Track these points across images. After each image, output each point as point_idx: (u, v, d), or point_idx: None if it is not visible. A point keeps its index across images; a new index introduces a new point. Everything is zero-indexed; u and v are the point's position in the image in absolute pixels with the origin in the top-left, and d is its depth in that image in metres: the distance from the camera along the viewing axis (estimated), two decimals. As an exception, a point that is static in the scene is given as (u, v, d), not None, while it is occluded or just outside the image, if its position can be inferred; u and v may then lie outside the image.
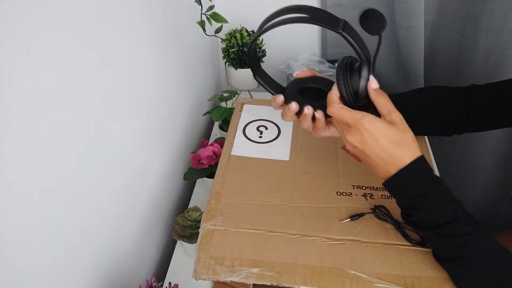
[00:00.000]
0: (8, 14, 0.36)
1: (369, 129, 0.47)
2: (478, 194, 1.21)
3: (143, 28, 0.66)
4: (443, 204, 0.48)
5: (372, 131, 0.47)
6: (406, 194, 0.50)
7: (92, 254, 0.56)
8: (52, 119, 0.44)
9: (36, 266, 0.44)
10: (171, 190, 0.86)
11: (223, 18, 0.79)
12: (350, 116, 0.49)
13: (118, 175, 0.61)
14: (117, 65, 0.58)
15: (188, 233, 0.71)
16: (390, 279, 0.51)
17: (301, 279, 0.51)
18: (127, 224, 0.66)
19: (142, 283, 0.60)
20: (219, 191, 0.61)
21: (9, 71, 0.37)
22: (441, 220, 0.48)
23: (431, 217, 0.48)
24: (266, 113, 0.75)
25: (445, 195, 0.49)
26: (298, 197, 0.61)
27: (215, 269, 0.52)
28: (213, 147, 0.81)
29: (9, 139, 0.38)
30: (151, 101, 0.72)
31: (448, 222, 0.47)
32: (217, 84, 1.19)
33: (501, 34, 0.93)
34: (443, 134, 0.68)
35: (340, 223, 0.57)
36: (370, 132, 0.47)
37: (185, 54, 0.89)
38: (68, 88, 0.46)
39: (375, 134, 0.47)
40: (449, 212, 0.48)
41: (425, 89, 0.70)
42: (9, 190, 0.38)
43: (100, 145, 0.55)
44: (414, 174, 0.48)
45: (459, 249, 0.47)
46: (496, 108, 0.64)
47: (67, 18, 0.45)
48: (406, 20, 0.97)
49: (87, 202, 0.53)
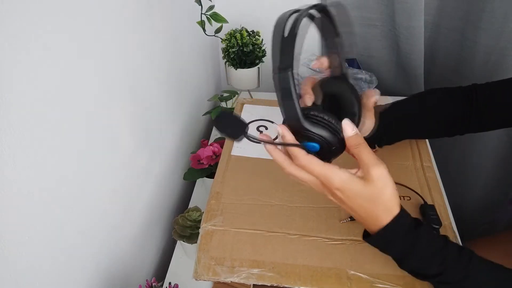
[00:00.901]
0: (8, 14, 0.36)
1: (340, 188, 0.44)
2: (478, 194, 1.21)
3: (143, 28, 0.66)
4: (429, 258, 0.46)
5: (343, 191, 0.44)
6: (389, 250, 0.48)
7: (92, 254, 0.56)
8: (52, 119, 0.44)
9: (36, 266, 0.44)
10: (171, 190, 0.86)
11: (223, 18, 0.79)
12: (321, 172, 0.43)
13: (118, 175, 0.61)
14: (118, 65, 0.58)
15: (188, 233, 0.71)
16: (390, 279, 0.51)
17: (301, 280, 0.51)
18: (127, 224, 0.66)
19: (142, 283, 0.60)
20: (219, 191, 0.62)
21: (9, 71, 0.37)
22: (430, 272, 0.46)
23: (419, 270, 0.47)
24: (266, 113, 0.75)
25: (430, 248, 0.46)
26: (298, 197, 0.61)
27: (215, 270, 0.52)
28: (213, 147, 0.81)
29: (9, 139, 0.38)
30: (151, 101, 0.72)
31: (438, 274, 0.46)
32: (217, 84, 1.19)
33: (501, 34, 0.93)
34: (446, 136, 0.68)
35: (340, 223, 0.57)
36: (343, 192, 0.44)
37: (185, 54, 0.89)
38: (68, 88, 0.46)
39: (346, 193, 0.44)
40: (437, 265, 0.46)
41: (425, 93, 0.69)
42: (9, 190, 0.38)
43: (100, 145, 0.55)
44: (392, 234, 0.46)
45: None
46: (498, 108, 0.64)
47: (67, 18, 0.45)
48: (406, 20, 0.97)
49: (87, 202, 0.53)
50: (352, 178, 0.43)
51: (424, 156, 0.68)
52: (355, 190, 0.43)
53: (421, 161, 0.67)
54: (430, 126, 0.66)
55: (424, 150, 0.69)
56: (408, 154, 0.69)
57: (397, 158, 0.66)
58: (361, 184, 0.43)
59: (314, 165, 0.43)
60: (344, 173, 0.43)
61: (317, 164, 0.43)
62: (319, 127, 0.42)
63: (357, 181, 0.43)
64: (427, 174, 0.65)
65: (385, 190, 0.43)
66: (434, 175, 0.64)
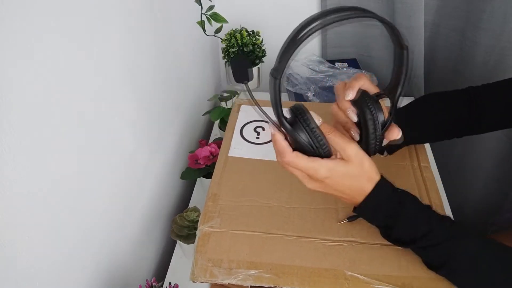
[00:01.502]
0: (8, 14, 0.36)
1: (329, 176, 0.47)
2: (478, 194, 1.21)
3: (143, 28, 0.66)
4: (414, 218, 0.49)
5: (331, 177, 0.47)
6: (377, 217, 0.51)
7: (92, 254, 0.56)
8: (52, 119, 0.44)
9: (36, 266, 0.44)
10: (171, 190, 0.86)
11: (223, 18, 0.80)
12: (307, 167, 0.46)
13: (118, 175, 0.61)
14: (118, 65, 0.58)
15: (185, 233, 0.71)
16: (388, 280, 0.51)
17: (298, 281, 0.51)
18: (127, 224, 0.66)
19: (142, 283, 0.60)
20: (216, 193, 0.62)
21: (9, 71, 0.37)
22: (417, 234, 0.49)
23: (407, 233, 0.50)
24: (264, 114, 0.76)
25: (414, 209, 0.50)
26: (295, 198, 0.61)
27: (212, 272, 0.52)
28: (210, 147, 0.81)
29: (10, 139, 0.38)
30: (151, 101, 0.72)
31: (425, 234, 0.48)
32: (217, 84, 1.19)
33: (501, 34, 0.93)
34: (445, 139, 0.68)
35: (337, 224, 0.57)
36: (330, 178, 0.47)
37: (185, 54, 0.89)
38: (68, 88, 0.46)
39: (334, 179, 0.47)
40: (423, 224, 0.49)
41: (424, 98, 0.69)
42: (9, 190, 0.39)
43: (100, 145, 0.55)
44: (377, 199, 0.49)
45: (444, 256, 0.48)
46: (496, 109, 0.64)
47: (67, 18, 0.45)
48: (406, 20, 0.97)
49: (87, 202, 0.53)
50: (336, 163, 0.47)
51: (421, 156, 0.68)
52: (341, 172, 0.47)
53: (418, 161, 0.67)
54: (429, 131, 0.66)
55: (421, 150, 0.69)
56: (405, 154, 0.69)
57: (394, 158, 0.67)
58: (344, 165, 0.47)
59: (300, 160, 0.46)
60: (328, 161, 0.47)
61: (302, 160, 0.46)
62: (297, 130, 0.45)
63: (341, 164, 0.47)
64: (425, 174, 0.65)
65: (363, 162, 0.48)
66: (432, 176, 0.65)
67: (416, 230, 0.49)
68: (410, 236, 0.49)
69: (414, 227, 0.49)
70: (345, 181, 0.48)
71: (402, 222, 0.49)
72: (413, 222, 0.49)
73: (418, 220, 0.49)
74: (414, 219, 0.49)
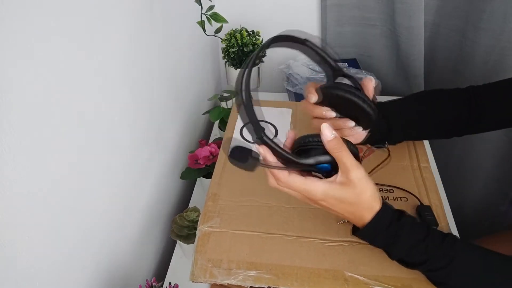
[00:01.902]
0: (9, 14, 0.36)
1: (324, 199, 0.46)
2: (478, 194, 1.21)
3: (143, 28, 0.66)
4: (411, 248, 0.49)
5: (327, 200, 0.46)
6: (375, 243, 0.51)
7: (92, 254, 0.56)
8: (52, 119, 0.44)
9: (36, 266, 0.44)
10: (171, 189, 0.86)
11: (223, 18, 0.79)
12: (302, 189, 0.46)
13: (118, 175, 0.61)
14: (117, 65, 0.58)
15: (185, 233, 0.71)
16: (388, 281, 0.51)
17: (298, 281, 0.51)
18: (127, 224, 0.66)
19: (142, 283, 0.60)
20: (216, 193, 0.62)
21: (9, 71, 0.37)
22: (415, 261, 0.49)
23: (405, 259, 0.50)
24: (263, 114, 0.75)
25: (412, 238, 0.49)
26: (295, 198, 0.61)
27: (212, 272, 0.52)
28: (210, 147, 0.81)
29: (10, 139, 0.38)
30: (151, 100, 0.72)
31: (422, 263, 0.48)
32: (217, 84, 1.19)
33: (501, 34, 0.93)
34: (444, 137, 0.68)
35: (337, 225, 0.57)
36: (326, 201, 0.47)
37: (185, 54, 0.89)
38: (68, 88, 0.46)
39: (330, 201, 0.47)
40: (419, 254, 0.48)
41: (424, 93, 0.69)
42: (9, 190, 0.39)
43: (100, 145, 0.55)
44: (376, 229, 0.49)
45: (445, 277, 0.49)
46: (496, 109, 0.64)
47: (67, 18, 0.45)
48: (406, 20, 0.97)
49: (87, 202, 0.53)
50: (331, 187, 0.46)
51: (421, 157, 0.68)
52: (337, 196, 0.46)
53: (418, 161, 0.67)
54: (428, 128, 0.66)
55: (421, 150, 0.69)
56: (405, 154, 0.69)
57: (394, 158, 0.66)
58: (341, 190, 0.46)
59: (295, 183, 0.46)
60: (324, 184, 0.46)
61: (297, 182, 0.45)
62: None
63: (338, 188, 0.46)
64: (424, 174, 0.65)
65: (365, 191, 0.46)
66: (431, 176, 0.65)
67: (414, 257, 0.49)
68: (409, 261, 0.50)
69: (410, 256, 0.49)
70: (342, 206, 0.47)
71: (400, 248, 0.49)
72: (409, 252, 0.49)
73: (416, 248, 0.48)
74: (409, 249, 0.48)
